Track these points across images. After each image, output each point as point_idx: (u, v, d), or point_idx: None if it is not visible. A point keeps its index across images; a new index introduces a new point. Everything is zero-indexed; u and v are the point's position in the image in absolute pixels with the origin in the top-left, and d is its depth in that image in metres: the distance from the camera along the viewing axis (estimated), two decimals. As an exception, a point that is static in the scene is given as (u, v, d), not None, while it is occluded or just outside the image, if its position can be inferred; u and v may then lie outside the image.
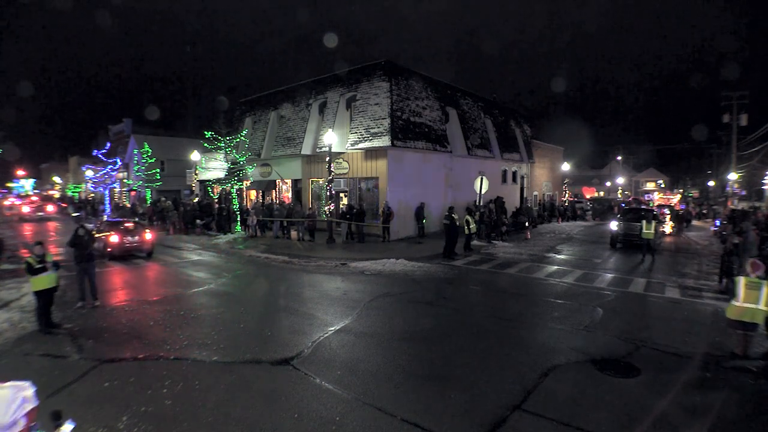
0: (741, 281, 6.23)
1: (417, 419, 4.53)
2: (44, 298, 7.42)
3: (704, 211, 36.40)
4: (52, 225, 28.70)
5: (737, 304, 6.18)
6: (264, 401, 4.93)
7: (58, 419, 2.32)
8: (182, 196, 34.46)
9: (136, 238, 14.67)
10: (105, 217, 22.15)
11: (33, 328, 7.48)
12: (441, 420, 4.53)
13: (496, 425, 4.44)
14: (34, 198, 44.31)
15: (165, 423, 4.46)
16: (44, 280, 7.43)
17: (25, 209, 33.57)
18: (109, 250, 14.12)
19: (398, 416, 4.59)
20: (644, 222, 14.98)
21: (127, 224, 15.59)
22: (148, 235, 14.98)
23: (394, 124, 18.08)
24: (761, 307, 5.98)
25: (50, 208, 37.08)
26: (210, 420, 4.53)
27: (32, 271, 7.33)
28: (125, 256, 14.49)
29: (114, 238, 14.21)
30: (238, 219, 21.60)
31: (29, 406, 2.15)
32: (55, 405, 2.48)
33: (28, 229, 25.62)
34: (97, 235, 12.19)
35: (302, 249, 16.27)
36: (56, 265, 7.73)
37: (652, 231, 14.75)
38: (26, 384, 2.20)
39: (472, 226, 15.95)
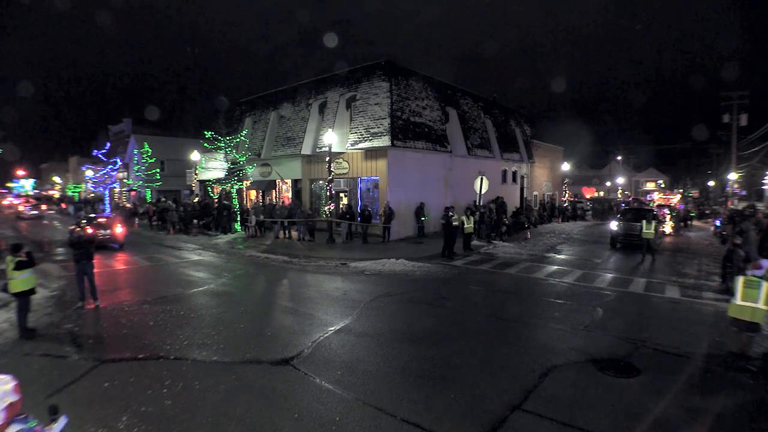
0: (739, 280, 6.24)
1: (417, 419, 4.53)
2: (26, 299, 7.22)
3: (707, 212, 36.31)
4: (47, 223, 29.50)
5: (736, 302, 6.18)
6: (264, 401, 4.93)
7: (54, 413, 2.40)
8: (182, 196, 34.49)
9: (108, 231, 16.62)
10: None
11: (34, 327, 7.44)
12: (441, 420, 4.53)
13: (496, 425, 4.44)
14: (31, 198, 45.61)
15: (165, 423, 4.46)
16: (30, 280, 7.25)
17: (22, 208, 35.01)
18: None
19: (398, 416, 4.59)
20: (644, 222, 14.96)
21: (100, 219, 17.63)
22: (119, 229, 16.95)
23: (394, 124, 18.08)
24: (760, 306, 5.97)
25: (44, 207, 38.60)
26: (210, 420, 4.52)
27: (28, 263, 7.17)
28: (99, 246, 15.52)
29: (89, 231, 15.23)
30: (238, 219, 21.63)
31: (10, 400, 2.16)
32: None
33: (24, 227, 26.07)
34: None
35: (302, 249, 16.27)
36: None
37: (652, 231, 14.73)
38: (7, 378, 2.22)
39: (467, 225, 15.94)
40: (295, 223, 19.00)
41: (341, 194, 21.01)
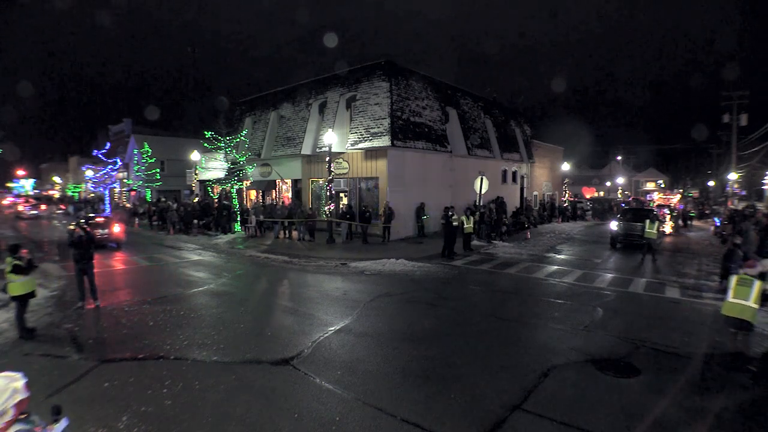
0: (733, 278, 6.25)
1: (417, 419, 4.53)
2: (25, 302, 7.19)
3: (707, 212, 36.29)
4: (45, 223, 29.80)
5: (729, 300, 6.18)
6: (264, 401, 4.93)
7: (57, 413, 2.43)
8: (182, 196, 34.50)
9: (106, 230, 16.98)
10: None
11: (33, 327, 7.44)
12: (441, 420, 4.53)
13: (496, 425, 4.44)
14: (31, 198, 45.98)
15: (165, 423, 4.46)
16: (28, 284, 7.24)
17: (21, 208, 35.28)
18: None
19: (398, 416, 4.59)
20: (647, 222, 14.89)
21: (98, 219, 17.98)
22: (116, 228, 17.38)
23: (394, 124, 18.08)
24: (750, 303, 5.96)
25: (43, 207, 39.17)
26: (210, 420, 4.52)
27: (25, 270, 7.16)
28: (97, 246, 15.49)
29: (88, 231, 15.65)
30: (238, 219, 21.63)
31: (19, 397, 2.21)
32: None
33: (23, 227, 26.22)
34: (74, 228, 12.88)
35: (302, 249, 16.27)
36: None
37: (655, 231, 14.67)
38: (17, 375, 2.27)
39: (467, 225, 15.94)
40: (295, 223, 19.00)
41: (341, 194, 21.00)
